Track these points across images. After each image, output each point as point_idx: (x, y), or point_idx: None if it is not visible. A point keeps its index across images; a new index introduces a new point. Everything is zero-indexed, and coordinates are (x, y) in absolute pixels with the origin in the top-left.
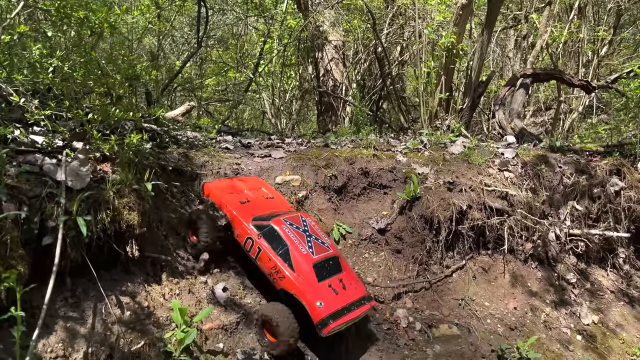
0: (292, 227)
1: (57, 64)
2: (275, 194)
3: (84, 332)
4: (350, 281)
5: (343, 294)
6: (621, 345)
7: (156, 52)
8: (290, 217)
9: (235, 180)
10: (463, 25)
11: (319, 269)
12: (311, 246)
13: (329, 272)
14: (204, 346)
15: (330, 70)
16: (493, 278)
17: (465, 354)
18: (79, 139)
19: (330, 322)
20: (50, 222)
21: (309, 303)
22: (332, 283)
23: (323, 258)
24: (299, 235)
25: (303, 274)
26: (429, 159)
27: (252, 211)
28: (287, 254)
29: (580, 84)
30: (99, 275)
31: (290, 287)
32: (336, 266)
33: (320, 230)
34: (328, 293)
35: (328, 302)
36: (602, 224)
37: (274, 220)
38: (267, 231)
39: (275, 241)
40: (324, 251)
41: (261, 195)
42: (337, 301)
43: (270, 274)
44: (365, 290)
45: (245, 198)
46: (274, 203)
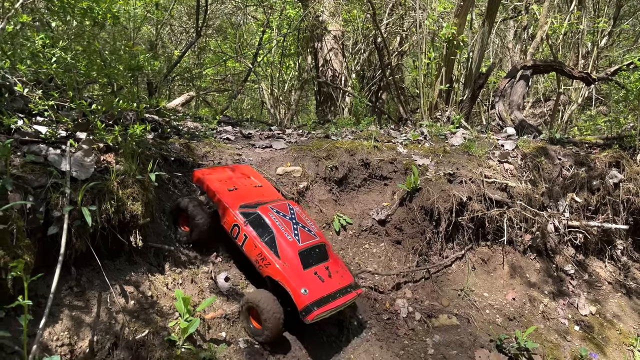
0: (279, 215)
1: (59, 54)
2: (263, 182)
3: (89, 320)
4: (337, 269)
5: (329, 281)
6: (618, 335)
7: (154, 41)
8: (278, 205)
9: (225, 168)
10: (464, 16)
11: (304, 256)
12: (297, 234)
13: (315, 260)
14: (206, 335)
15: (329, 61)
16: (492, 269)
17: (464, 344)
18: (82, 130)
19: (314, 309)
20: (56, 212)
21: (293, 290)
22: (318, 270)
23: (309, 246)
24: (286, 223)
25: (288, 261)
26: (429, 151)
27: (240, 199)
28: (273, 241)
29: (580, 76)
30: (104, 265)
31: (275, 274)
32: (322, 254)
33: (308, 218)
34: (313, 280)
35: (313, 290)
36: (600, 215)
37: (261, 207)
38: (254, 218)
39: (262, 228)
40: (311, 239)
41: (249, 184)
42: (323, 288)
43: (256, 261)
44: (352, 278)
45: (233, 186)
46: (262, 191)
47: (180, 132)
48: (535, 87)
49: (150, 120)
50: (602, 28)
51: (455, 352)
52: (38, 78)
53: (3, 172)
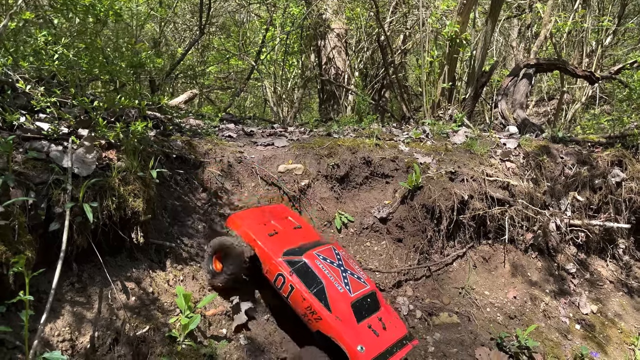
0: (326, 262)
1: (62, 51)
2: (302, 222)
3: (90, 316)
4: (390, 319)
5: (384, 335)
6: (619, 334)
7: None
8: (323, 250)
9: (261, 209)
10: (467, 14)
11: (357, 308)
12: (347, 283)
13: (368, 311)
14: (207, 331)
15: (332, 59)
16: (493, 267)
17: (464, 342)
18: (84, 126)
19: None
20: (57, 208)
21: (348, 347)
22: (372, 323)
23: (361, 296)
24: (334, 271)
25: (341, 315)
26: (431, 149)
27: (282, 244)
28: (323, 292)
29: (583, 75)
30: (105, 261)
31: (327, 329)
32: (374, 304)
33: (355, 263)
34: (368, 335)
35: (369, 346)
36: (602, 214)
37: (307, 254)
38: (300, 267)
39: (309, 278)
40: (361, 287)
41: (289, 226)
42: (379, 344)
43: (304, 314)
44: (405, 328)
45: (273, 230)
46: (302, 233)
47: (183, 130)
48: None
49: (152, 117)
50: (607, 27)
51: (456, 350)
52: (40, 75)
53: (5, 168)
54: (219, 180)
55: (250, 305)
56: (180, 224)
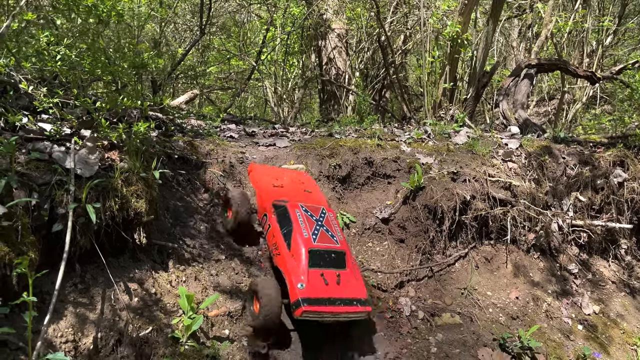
0: (306, 214)
1: (64, 52)
2: (314, 189)
3: (93, 317)
4: (350, 280)
5: (334, 287)
6: (622, 335)
7: (158, 39)
8: (311, 206)
9: (279, 169)
10: (468, 14)
11: (314, 255)
12: (316, 234)
13: (327, 264)
14: (210, 332)
15: (333, 59)
16: (495, 268)
17: (467, 343)
18: (87, 127)
19: (303, 305)
20: (60, 209)
21: (290, 282)
22: (326, 274)
23: (324, 248)
24: (309, 222)
25: (296, 255)
26: (433, 149)
27: (281, 195)
28: (290, 234)
29: (585, 75)
30: (108, 262)
31: (281, 264)
32: (339, 261)
33: (338, 226)
34: (316, 280)
35: (311, 287)
36: (604, 215)
37: (291, 203)
38: (280, 210)
39: (284, 221)
40: (329, 242)
41: (299, 187)
42: (323, 290)
43: (271, 250)
44: (365, 294)
45: (280, 184)
46: (308, 195)
47: (184, 130)
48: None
49: (154, 118)
50: (607, 27)
51: (458, 351)
52: (43, 76)
53: (8, 169)
54: (221, 181)
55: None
56: (183, 225)
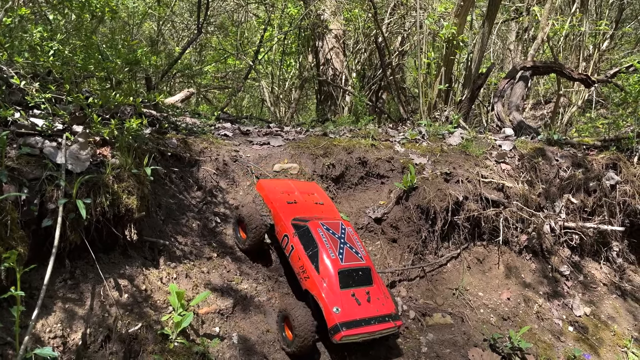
0: (328, 232)
1: (57, 47)
2: (326, 200)
3: (82, 313)
4: (379, 296)
5: (366, 306)
6: (612, 337)
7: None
8: (330, 222)
9: (289, 181)
10: (464, 16)
11: (344, 276)
12: (342, 253)
13: (356, 282)
14: (200, 330)
15: (330, 60)
16: (487, 269)
17: (457, 343)
18: (79, 123)
19: (342, 330)
20: (50, 204)
21: (325, 307)
22: (357, 293)
23: (352, 267)
24: (332, 241)
25: (327, 278)
26: (426, 150)
27: (297, 212)
28: (316, 256)
29: (579, 78)
30: (98, 258)
31: (312, 288)
32: (366, 278)
33: (359, 241)
34: (349, 301)
35: (346, 310)
36: (597, 217)
37: (312, 222)
38: (302, 231)
39: (308, 242)
40: (355, 260)
41: (311, 200)
42: (357, 311)
43: (298, 273)
44: (393, 308)
45: (293, 199)
46: (321, 209)
47: (178, 128)
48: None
49: (148, 115)
50: (604, 30)
51: (449, 351)
52: (36, 71)
53: None
54: (214, 179)
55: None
56: (175, 222)
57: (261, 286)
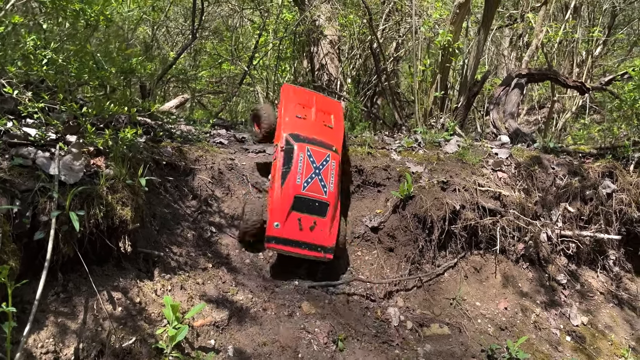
0: (309, 159)
1: (51, 56)
2: (337, 125)
3: (75, 327)
4: (323, 228)
5: (306, 232)
6: (610, 346)
7: (150, 42)
8: (318, 150)
9: (314, 94)
10: (460, 23)
11: (299, 202)
12: (308, 182)
13: (308, 210)
14: (195, 343)
15: (325, 65)
16: (485, 278)
17: (455, 354)
18: (72, 132)
19: (272, 242)
20: (43, 216)
21: (269, 218)
22: (303, 219)
23: (309, 197)
24: (308, 169)
25: (284, 196)
26: (423, 158)
27: (298, 128)
28: (286, 175)
29: (574, 85)
30: (91, 271)
31: (270, 195)
32: (320, 210)
33: (335, 176)
34: (292, 223)
35: (285, 229)
36: (593, 225)
37: (300, 144)
38: (288, 149)
39: (287, 160)
40: (318, 192)
41: (322, 120)
42: (294, 233)
43: (269, 178)
44: (332, 243)
45: (304, 114)
46: (326, 132)
47: (173, 136)
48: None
49: (142, 123)
50: (597, 37)
51: None
52: (29, 79)
53: None
54: (210, 188)
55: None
56: (169, 232)
57: (257, 297)
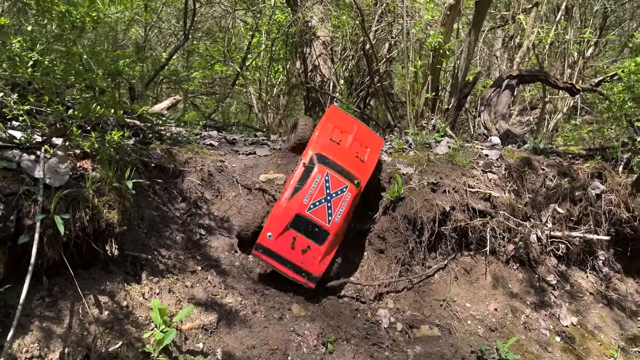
0: (324, 183)
1: (37, 58)
2: (370, 160)
3: (60, 332)
4: (316, 255)
5: (297, 253)
6: (599, 347)
7: (142, 43)
8: (337, 179)
9: (357, 123)
10: (450, 25)
11: (299, 221)
12: (315, 205)
13: (306, 233)
14: (183, 346)
15: (318, 66)
16: (475, 279)
17: (445, 355)
18: (59, 135)
19: (259, 251)
20: (27, 220)
21: (265, 227)
22: (299, 240)
23: (311, 220)
24: (320, 192)
25: (286, 210)
26: (413, 159)
27: (328, 150)
28: (297, 191)
29: (564, 86)
30: (77, 275)
31: (275, 206)
32: (318, 237)
33: (345, 209)
34: (285, 240)
35: (276, 243)
36: (582, 226)
37: (321, 166)
38: (308, 168)
39: (304, 177)
40: (320, 217)
41: (355, 150)
42: (284, 251)
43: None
44: (319, 272)
45: (339, 139)
46: (354, 163)
47: (163, 138)
48: (522, 95)
49: (131, 125)
50: (588, 38)
51: None
52: (15, 82)
53: None
54: (199, 190)
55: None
56: (158, 235)
57: (246, 300)
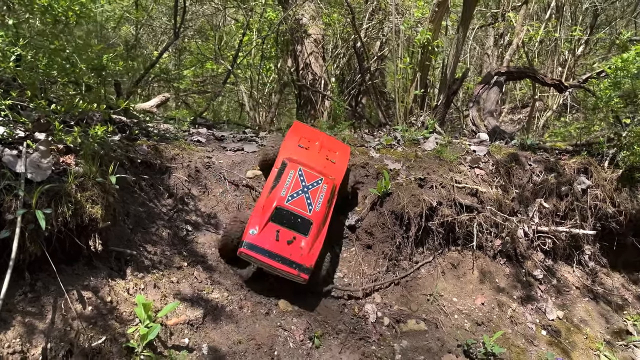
0: (299, 178)
1: (19, 53)
2: (340, 162)
3: (42, 327)
4: (303, 246)
5: (282, 245)
6: (585, 340)
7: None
8: (311, 173)
9: (322, 134)
10: (439, 22)
11: (280, 214)
12: (293, 196)
13: (289, 225)
14: (168, 341)
15: (309, 64)
16: (462, 274)
17: (431, 349)
18: (42, 130)
19: (244, 247)
20: (8, 215)
21: (247, 225)
22: (282, 232)
23: (292, 210)
24: (296, 185)
25: (265, 206)
26: (401, 155)
27: (298, 155)
28: (274, 188)
29: (552, 83)
30: (60, 270)
31: (255, 205)
32: (302, 227)
33: (324, 199)
34: (269, 233)
35: (260, 237)
36: (569, 221)
37: (293, 164)
38: (281, 167)
39: (278, 176)
40: (301, 208)
41: (325, 154)
42: (269, 244)
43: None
44: (310, 264)
45: (307, 146)
46: (326, 164)
47: (150, 134)
48: (513, 93)
49: (117, 121)
50: (579, 36)
51: (423, 358)
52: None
53: None
54: (186, 186)
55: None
56: (144, 231)
57: (233, 295)
